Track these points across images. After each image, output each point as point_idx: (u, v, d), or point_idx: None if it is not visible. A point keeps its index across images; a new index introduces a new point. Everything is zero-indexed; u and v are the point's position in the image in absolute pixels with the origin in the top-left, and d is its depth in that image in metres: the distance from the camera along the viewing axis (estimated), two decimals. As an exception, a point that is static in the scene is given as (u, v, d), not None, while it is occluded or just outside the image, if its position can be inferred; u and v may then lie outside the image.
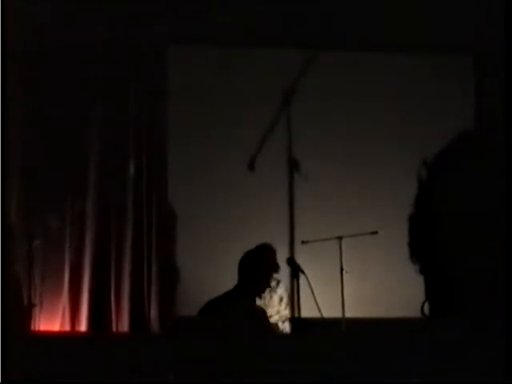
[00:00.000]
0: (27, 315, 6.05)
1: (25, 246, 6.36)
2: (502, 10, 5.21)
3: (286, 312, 5.98)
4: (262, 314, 4.47)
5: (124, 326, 6.52)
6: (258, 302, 5.87)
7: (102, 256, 6.62)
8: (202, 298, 4.60)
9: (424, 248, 1.15)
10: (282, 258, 6.14)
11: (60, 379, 4.74)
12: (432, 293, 1.15)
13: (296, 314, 5.84)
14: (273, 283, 6.03)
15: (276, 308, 5.99)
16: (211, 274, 6.47)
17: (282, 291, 6.04)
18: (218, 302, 4.36)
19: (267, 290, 5.98)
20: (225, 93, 6.99)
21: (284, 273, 6.18)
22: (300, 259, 5.79)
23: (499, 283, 1.04)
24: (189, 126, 6.95)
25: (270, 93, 7.05)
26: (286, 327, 5.93)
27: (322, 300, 5.52)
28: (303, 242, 6.38)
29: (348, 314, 5.97)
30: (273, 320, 5.94)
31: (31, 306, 6.17)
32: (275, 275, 6.04)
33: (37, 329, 6.24)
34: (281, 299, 6.01)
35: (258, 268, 4.50)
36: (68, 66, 6.68)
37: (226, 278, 6.18)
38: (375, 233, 6.15)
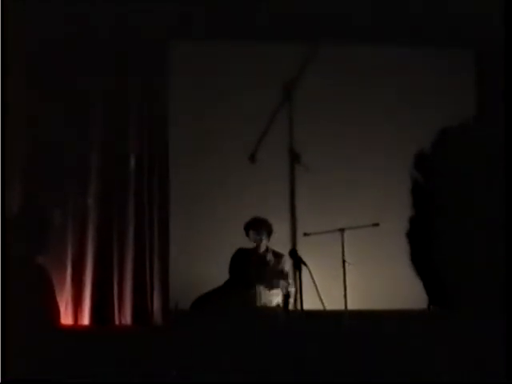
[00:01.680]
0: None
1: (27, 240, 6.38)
2: (503, 4, 5.21)
3: (292, 289, 6.01)
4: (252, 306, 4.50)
5: (127, 319, 6.53)
6: (260, 290, 5.90)
7: (105, 250, 6.63)
8: (203, 291, 4.61)
9: (423, 247, 1.15)
10: (284, 250, 6.17)
11: (64, 372, 4.76)
12: (432, 291, 1.15)
13: (298, 307, 5.86)
14: (274, 260, 6.08)
15: (274, 290, 6.01)
16: (213, 266, 6.47)
17: (284, 266, 6.09)
18: (208, 296, 4.40)
19: (266, 271, 6.04)
20: (226, 86, 6.98)
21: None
22: (302, 251, 5.80)
23: (500, 279, 1.04)
24: (189, 120, 6.95)
25: (270, 86, 7.06)
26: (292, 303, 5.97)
27: (324, 292, 5.52)
28: (305, 234, 6.38)
29: (350, 306, 5.97)
30: (272, 305, 5.97)
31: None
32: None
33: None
34: (286, 275, 6.06)
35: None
36: (69, 61, 6.67)
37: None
38: (377, 225, 6.14)
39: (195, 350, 4.03)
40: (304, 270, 5.56)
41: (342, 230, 6.16)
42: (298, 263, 5.58)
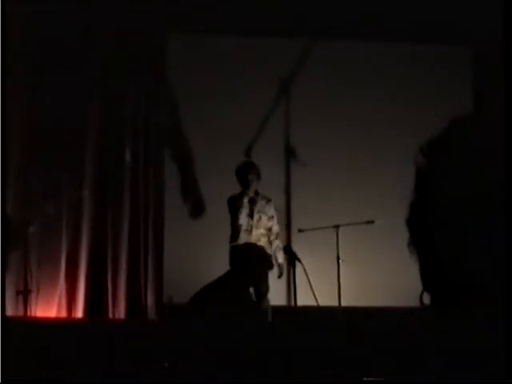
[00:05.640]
0: (24, 302, 6.08)
1: (21, 232, 6.37)
2: (502, 3, 5.22)
3: (277, 242, 6.21)
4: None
5: (120, 312, 6.53)
6: (245, 222, 6.06)
7: (99, 243, 6.62)
8: (197, 286, 4.61)
9: (422, 238, 1.16)
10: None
11: (57, 365, 4.76)
12: (429, 283, 1.16)
13: (292, 302, 5.87)
14: (262, 201, 6.24)
15: (261, 230, 6.15)
16: (208, 261, 6.48)
17: (272, 210, 6.27)
18: (211, 287, 4.41)
19: (255, 209, 6.14)
20: (222, 81, 6.97)
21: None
22: (296, 247, 5.80)
23: (499, 273, 1.04)
24: (186, 114, 6.95)
25: (267, 81, 7.06)
26: (279, 257, 6.12)
27: (318, 288, 5.54)
28: (300, 231, 6.39)
29: (344, 303, 5.98)
30: (260, 243, 6.12)
31: (28, 292, 6.19)
32: (265, 192, 6.27)
33: (33, 315, 6.24)
34: (272, 217, 6.25)
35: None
36: (68, 55, 6.67)
37: (223, 265, 6.20)
38: (371, 222, 6.15)
39: (189, 343, 4.03)
40: (298, 265, 5.57)
41: (336, 227, 6.17)
42: (292, 259, 5.59)
